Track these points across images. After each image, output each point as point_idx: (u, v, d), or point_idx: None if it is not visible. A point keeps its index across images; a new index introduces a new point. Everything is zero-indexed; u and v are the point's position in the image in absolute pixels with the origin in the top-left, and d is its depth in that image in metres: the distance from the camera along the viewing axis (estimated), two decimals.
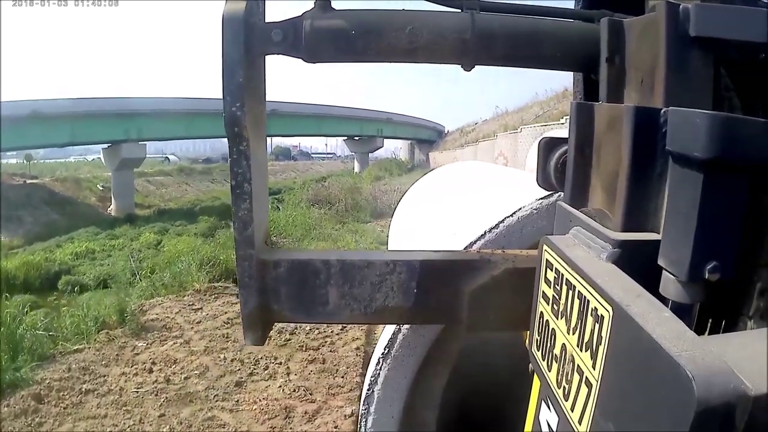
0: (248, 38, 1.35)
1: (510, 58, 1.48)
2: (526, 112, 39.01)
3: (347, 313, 1.55)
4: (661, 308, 0.79)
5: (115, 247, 27.12)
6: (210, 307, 10.17)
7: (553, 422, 1.04)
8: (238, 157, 1.39)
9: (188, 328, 9.27)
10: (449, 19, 1.44)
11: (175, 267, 12.54)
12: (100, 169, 47.51)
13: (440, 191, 4.09)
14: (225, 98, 1.33)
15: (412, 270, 1.52)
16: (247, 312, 1.50)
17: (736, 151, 0.81)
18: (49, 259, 22.52)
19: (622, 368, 0.80)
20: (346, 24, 1.41)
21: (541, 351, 1.12)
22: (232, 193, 1.42)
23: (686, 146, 0.86)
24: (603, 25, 1.28)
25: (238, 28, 1.33)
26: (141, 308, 10.31)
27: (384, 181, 39.59)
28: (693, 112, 0.86)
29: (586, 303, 0.90)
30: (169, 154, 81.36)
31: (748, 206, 0.87)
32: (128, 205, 40.49)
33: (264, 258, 1.49)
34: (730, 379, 0.62)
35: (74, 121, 37.59)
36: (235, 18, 1.33)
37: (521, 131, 29.51)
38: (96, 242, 28.20)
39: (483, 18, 1.43)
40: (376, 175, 46.23)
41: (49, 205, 36.07)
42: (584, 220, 1.14)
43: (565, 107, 27.69)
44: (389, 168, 54.36)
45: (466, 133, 57.00)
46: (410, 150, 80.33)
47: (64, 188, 40.67)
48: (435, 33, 1.42)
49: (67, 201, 39.05)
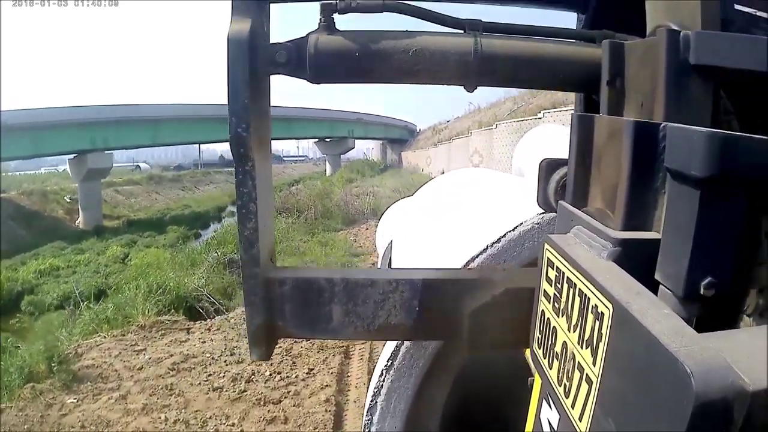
0: (253, 59, 1.36)
1: (512, 80, 1.55)
2: (499, 108, 37.95)
3: (351, 330, 1.57)
4: (661, 305, 0.79)
5: (81, 262, 26.03)
6: (154, 348, 8.53)
7: (554, 420, 1.03)
8: (244, 178, 1.40)
9: (127, 377, 7.70)
10: (452, 41, 1.46)
11: (118, 297, 10.85)
12: (67, 181, 45.45)
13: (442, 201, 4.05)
14: (230, 119, 1.34)
15: (414, 289, 1.53)
16: (252, 328, 1.51)
17: (733, 170, 0.81)
18: (11, 278, 21.45)
19: (622, 365, 0.79)
20: (350, 46, 1.44)
21: (542, 349, 1.10)
22: (238, 212, 1.43)
23: (684, 164, 0.87)
24: (604, 48, 1.28)
25: (243, 49, 1.33)
26: (76, 351, 8.62)
27: (356, 183, 38.17)
28: (691, 129, 0.86)
29: (587, 301, 0.90)
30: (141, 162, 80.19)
31: (744, 223, 0.86)
32: (96, 217, 39.12)
33: (269, 276, 1.52)
34: (729, 375, 0.61)
35: (37, 132, 35.85)
36: (240, 39, 1.34)
37: (496, 127, 28.51)
38: (61, 258, 27.06)
39: (486, 41, 1.46)
40: (347, 177, 44.42)
41: (15, 220, 34.32)
42: (585, 219, 1.13)
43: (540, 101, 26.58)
44: (361, 170, 52.95)
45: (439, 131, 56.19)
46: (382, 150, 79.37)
47: (31, 202, 38.97)
48: (438, 55, 1.44)
49: (33, 215, 37.49)
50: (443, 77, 1.48)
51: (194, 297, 10.57)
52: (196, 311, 10.29)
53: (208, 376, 7.45)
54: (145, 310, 9.77)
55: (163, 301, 10.25)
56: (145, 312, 9.74)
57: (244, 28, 1.34)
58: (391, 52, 1.43)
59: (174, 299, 10.32)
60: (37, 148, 37.64)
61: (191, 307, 10.34)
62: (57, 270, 24.37)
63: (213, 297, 10.77)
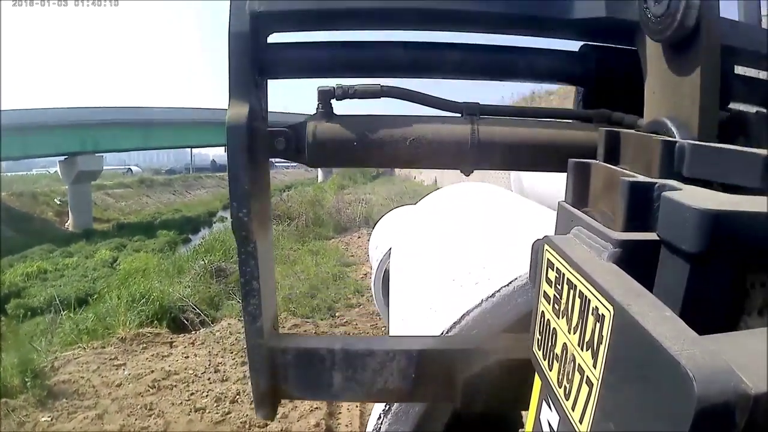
0: (252, 145, 1.38)
1: (509, 164, 1.56)
2: None
3: (350, 394, 1.62)
4: (662, 308, 0.77)
5: (69, 266, 25.58)
6: (135, 363, 8.02)
7: (554, 422, 1.02)
8: (246, 258, 1.44)
9: (105, 394, 7.21)
10: (449, 129, 1.50)
11: (99, 307, 10.29)
12: (58, 183, 44.88)
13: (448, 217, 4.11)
14: (232, 203, 1.38)
15: (410, 358, 1.57)
16: (258, 393, 1.58)
17: (725, 245, 0.81)
18: None
19: (623, 367, 0.78)
20: (348, 135, 1.48)
21: (542, 350, 1.08)
22: (242, 289, 1.47)
23: (675, 237, 0.86)
24: (600, 135, 1.28)
25: (242, 136, 1.36)
26: (52, 365, 8.10)
27: (348, 190, 37.76)
28: (683, 204, 0.85)
29: (587, 302, 0.89)
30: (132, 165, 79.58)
31: (732, 284, 0.86)
32: (86, 219, 38.56)
33: (273, 345, 1.57)
34: (731, 378, 0.60)
35: (26, 134, 35.13)
36: (238, 126, 1.36)
37: None
38: (49, 261, 26.49)
39: (483, 128, 1.48)
40: (339, 184, 44.05)
41: (4, 222, 33.56)
42: (585, 220, 1.11)
43: None
44: (353, 176, 52.41)
45: None
46: None
47: (21, 203, 38.49)
48: (435, 143, 1.48)
49: (22, 217, 36.96)
50: (440, 163, 1.54)
51: (179, 308, 10.04)
52: (180, 322, 9.75)
53: (190, 395, 6.98)
54: (126, 322, 9.25)
55: (146, 311, 9.67)
56: (127, 323, 9.22)
57: (242, 113, 1.36)
58: (389, 141, 1.47)
59: (157, 310, 9.72)
60: (27, 150, 36.94)
61: (175, 318, 9.80)
62: (44, 273, 23.85)
63: (199, 307, 10.24)
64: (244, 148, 1.34)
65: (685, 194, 0.88)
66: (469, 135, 1.45)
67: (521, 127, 1.51)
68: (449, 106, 1.54)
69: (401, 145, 1.45)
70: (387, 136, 1.46)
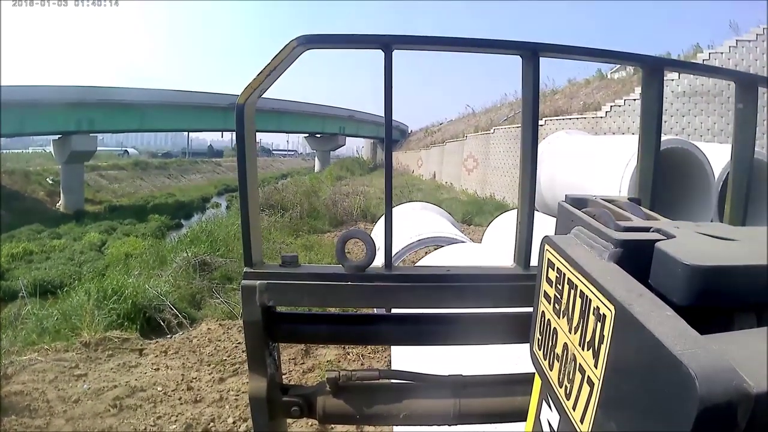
0: (272, 412, 1.70)
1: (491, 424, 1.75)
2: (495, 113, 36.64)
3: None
4: (663, 307, 0.76)
5: (56, 248, 24.67)
6: (97, 373, 6.74)
7: (554, 421, 1.00)
8: None
9: (59, 411, 5.93)
10: (435, 405, 1.71)
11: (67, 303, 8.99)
12: (51, 162, 43.51)
13: None
14: None
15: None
16: None
17: (714, 300, 0.79)
18: None
19: (624, 367, 0.76)
20: (351, 411, 1.72)
21: (543, 350, 1.06)
22: None
23: (666, 289, 0.83)
24: None
25: (262, 405, 1.68)
26: (5, 372, 6.76)
27: (345, 181, 36.38)
28: (674, 258, 0.82)
29: (588, 302, 0.87)
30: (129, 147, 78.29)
31: (718, 329, 0.81)
32: (78, 200, 37.74)
33: None
34: (733, 377, 0.60)
35: (23, 110, 34.00)
36: (259, 397, 1.69)
37: (494, 132, 27.15)
38: (36, 242, 25.63)
39: (465, 401, 1.69)
40: (337, 175, 42.70)
41: None
42: (586, 220, 1.10)
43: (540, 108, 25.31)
44: (351, 167, 51.30)
45: (431, 133, 54.74)
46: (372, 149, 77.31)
47: (12, 182, 37.20)
48: (424, 417, 1.71)
49: (13, 196, 35.77)
50: (427, 426, 1.77)
51: (155, 306, 8.76)
52: (155, 324, 8.51)
53: (156, 419, 5.72)
54: (93, 323, 7.94)
55: (118, 310, 8.38)
56: (93, 325, 7.91)
57: (261, 386, 1.70)
58: (386, 415, 1.72)
59: (130, 309, 8.44)
60: (22, 127, 35.91)
61: (150, 319, 8.49)
62: (30, 255, 22.93)
63: (177, 306, 9.01)
64: (265, 414, 1.69)
65: (679, 245, 0.86)
66: (451, 411, 1.68)
67: (498, 398, 1.71)
68: (437, 382, 1.74)
69: (396, 419, 1.70)
70: (385, 412, 1.72)
